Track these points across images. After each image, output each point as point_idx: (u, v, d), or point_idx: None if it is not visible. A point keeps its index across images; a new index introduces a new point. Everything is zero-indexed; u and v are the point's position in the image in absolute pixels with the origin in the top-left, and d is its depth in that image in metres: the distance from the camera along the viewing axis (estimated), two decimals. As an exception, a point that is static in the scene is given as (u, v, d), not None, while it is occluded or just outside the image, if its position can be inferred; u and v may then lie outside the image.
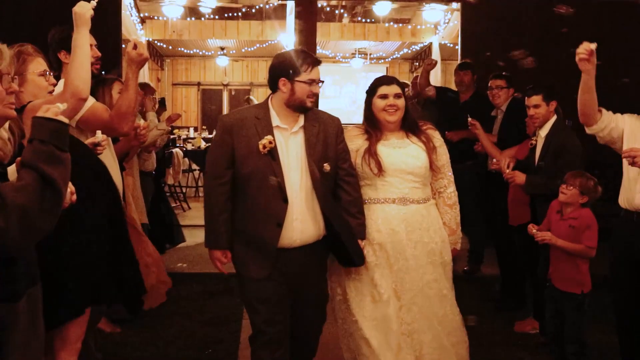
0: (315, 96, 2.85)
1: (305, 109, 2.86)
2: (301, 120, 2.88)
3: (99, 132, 2.91)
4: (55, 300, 2.39)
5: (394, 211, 3.05)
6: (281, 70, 2.83)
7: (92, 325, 3.24)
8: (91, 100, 3.08)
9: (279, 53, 2.97)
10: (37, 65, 2.67)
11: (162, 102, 7.87)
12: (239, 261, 2.92)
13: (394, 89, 3.10)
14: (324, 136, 2.91)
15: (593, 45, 3.06)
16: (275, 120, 2.86)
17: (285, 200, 2.80)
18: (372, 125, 3.13)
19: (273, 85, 2.87)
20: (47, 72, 2.71)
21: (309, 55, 2.87)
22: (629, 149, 3.07)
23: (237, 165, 2.83)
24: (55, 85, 2.87)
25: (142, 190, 4.86)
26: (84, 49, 2.67)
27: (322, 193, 2.85)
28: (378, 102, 3.10)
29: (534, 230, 3.59)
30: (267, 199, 2.80)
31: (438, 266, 3.09)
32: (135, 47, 2.94)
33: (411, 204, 3.06)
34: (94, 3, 2.75)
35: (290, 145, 2.86)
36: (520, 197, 4.22)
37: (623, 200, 3.32)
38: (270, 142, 2.76)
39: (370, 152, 3.06)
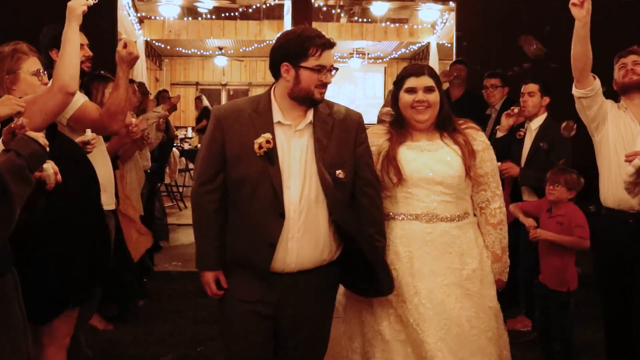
0: (325, 86, 2.34)
1: (314, 101, 2.34)
2: (309, 116, 2.36)
3: (88, 131, 2.93)
4: (41, 296, 2.41)
5: (416, 230, 2.48)
6: (283, 53, 2.33)
7: (82, 322, 3.26)
8: (82, 99, 3.11)
9: (282, 32, 2.46)
10: (31, 64, 2.68)
11: None
12: (227, 280, 2.44)
13: (424, 80, 2.53)
14: (339, 135, 2.37)
15: None
16: (277, 115, 2.34)
17: (281, 214, 2.29)
18: (398, 125, 2.61)
19: (275, 71, 2.37)
20: (41, 72, 2.72)
21: (318, 35, 2.33)
22: (633, 153, 2.88)
23: (228, 168, 2.35)
24: (47, 84, 2.89)
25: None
26: (73, 43, 2.68)
27: (334, 202, 2.33)
28: (405, 97, 2.55)
29: (532, 229, 3.59)
30: (260, 211, 2.30)
31: (479, 300, 2.47)
32: (125, 45, 2.96)
33: (440, 221, 2.48)
34: (90, 1, 2.76)
35: (293, 147, 2.34)
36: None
37: (612, 200, 3.19)
38: (268, 142, 2.26)
39: (389, 157, 2.53)
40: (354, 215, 2.43)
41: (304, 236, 2.33)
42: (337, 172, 2.33)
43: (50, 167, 1.99)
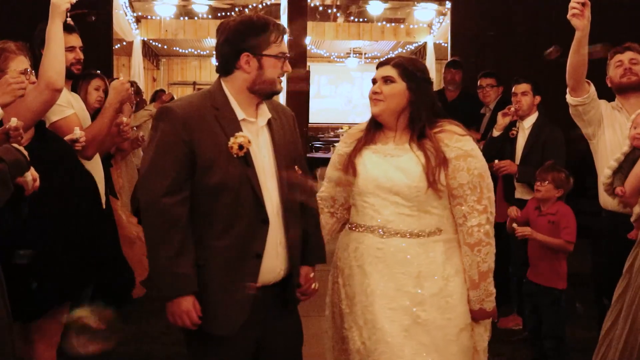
0: (283, 77, 2.21)
1: (275, 93, 2.21)
2: (266, 111, 2.20)
3: (76, 129, 2.94)
4: (30, 294, 2.42)
5: (368, 244, 2.23)
6: (242, 42, 2.11)
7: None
8: (71, 111, 3.12)
9: (227, 22, 2.19)
10: (19, 63, 2.69)
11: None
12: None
13: (384, 70, 2.29)
14: (288, 131, 2.26)
15: None
16: (239, 112, 2.14)
17: (264, 220, 2.10)
18: (373, 124, 2.37)
19: (229, 64, 2.14)
20: (28, 71, 2.73)
21: (273, 21, 2.18)
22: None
23: (200, 174, 2.06)
24: (35, 84, 2.89)
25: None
26: (57, 39, 2.69)
27: (293, 211, 2.18)
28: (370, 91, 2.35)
29: (515, 226, 3.61)
30: (242, 220, 2.07)
31: (435, 330, 2.14)
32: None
33: (393, 236, 2.20)
34: None
35: (261, 145, 2.16)
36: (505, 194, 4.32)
37: (612, 203, 3.08)
38: (249, 142, 2.07)
39: (349, 157, 2.33)
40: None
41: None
42: (296, 167, 2.21)
43: (29, 173, 2.00)
